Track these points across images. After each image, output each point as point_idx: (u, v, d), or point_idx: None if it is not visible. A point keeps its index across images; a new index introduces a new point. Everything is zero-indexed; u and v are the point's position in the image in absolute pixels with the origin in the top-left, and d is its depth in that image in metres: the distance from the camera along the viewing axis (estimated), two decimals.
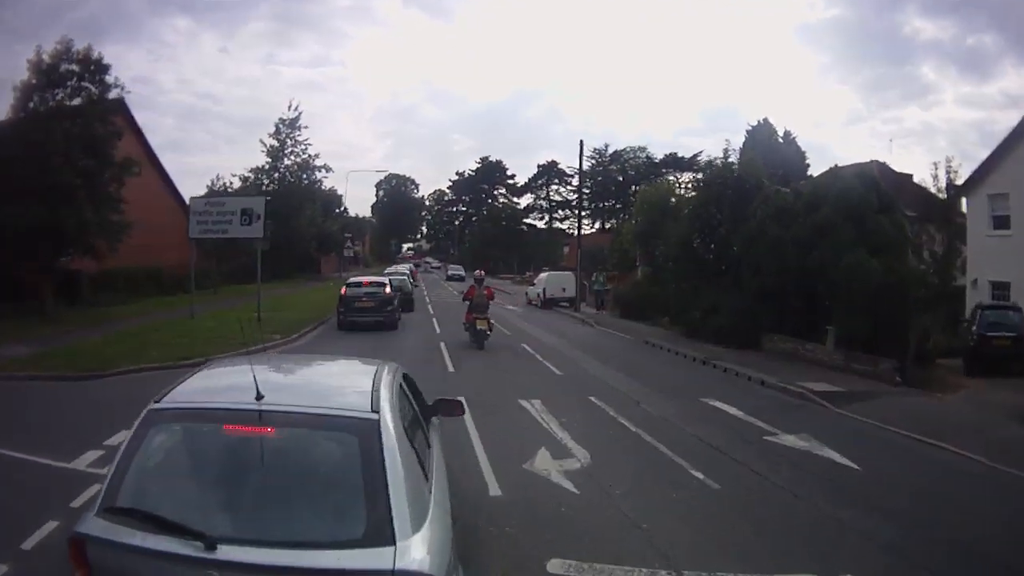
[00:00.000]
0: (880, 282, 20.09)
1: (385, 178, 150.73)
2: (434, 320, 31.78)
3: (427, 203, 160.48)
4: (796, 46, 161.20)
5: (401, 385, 5.12)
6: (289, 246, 56.49)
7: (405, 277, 41.08)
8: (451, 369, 18.72)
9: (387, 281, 29.04)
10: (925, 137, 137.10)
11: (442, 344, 23.27)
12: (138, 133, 38.91)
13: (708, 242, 28.01)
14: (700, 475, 9.68)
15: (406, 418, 4.65)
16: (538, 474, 9.46)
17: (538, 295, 44.56)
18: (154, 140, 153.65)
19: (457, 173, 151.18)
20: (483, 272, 27.18)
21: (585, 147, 42.56)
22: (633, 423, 12.73)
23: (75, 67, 25.34)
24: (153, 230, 33.99)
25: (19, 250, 23.66)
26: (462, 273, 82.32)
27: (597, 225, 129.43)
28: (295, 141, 61.08)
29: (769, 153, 43.90)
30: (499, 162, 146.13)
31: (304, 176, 61.64)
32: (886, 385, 17.91)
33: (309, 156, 61.84)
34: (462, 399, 7.91)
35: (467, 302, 24.23)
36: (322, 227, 63.87)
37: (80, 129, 24.67)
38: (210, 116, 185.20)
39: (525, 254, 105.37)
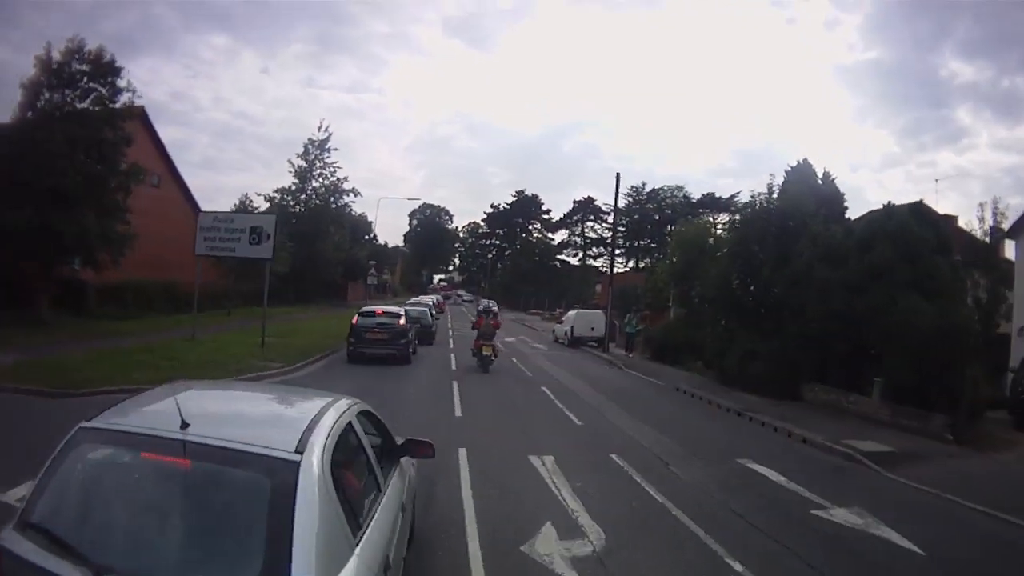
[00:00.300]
0: (934, 329, 18.17)
1: (419, 207, 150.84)
2: (452, 356, 30.09)
3: (461, 235, 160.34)
4: (833, 88, 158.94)
5: (351, 424, 4.84)
6: (314, 270, 55.19)
7: (426, 309, 39.50)
8: (458, 413, 16.82)
9: (402, 312, 27.39)
10: (959, 181, 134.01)
11: (454, 383, 21.44)
12: (158, 144, 38.06)
13: (748, 283, 26.08)
14: (739, 567, 7.75)
15: (350, 462, 4.58)
16: (537, 561, 7.55)
17: (565, 333, 42.39)
18: (188, 157, 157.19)
19: (492, 206, 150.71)
20: (493, 304, 31.61)
21: (621, 184, 40.68)
22: (660, 491, 10.74)
23: (85, 67, 24.16)
24: (170, 244, 33.31)
25: (17, 253, 22.62)
26: (495, 308, 75.97)
27: (631, 264, 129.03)
28: (324, 163, 60.01)
29: (809, 193, 41.27)
30: (534, 196, 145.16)
31: (332, 199, 60.23)
32: (937, 443, 16.17)
33: (338, 179, 60.69)
34: (431, 442, 6.94)
35: (475, 331, 27.75)
36: (349, 253, 62.57)
37: (86, 132, 23.42)
38: (245, 136, 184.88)
39: (557, 290, 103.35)
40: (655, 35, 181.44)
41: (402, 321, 26.07)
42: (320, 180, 59.51)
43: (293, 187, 58.86)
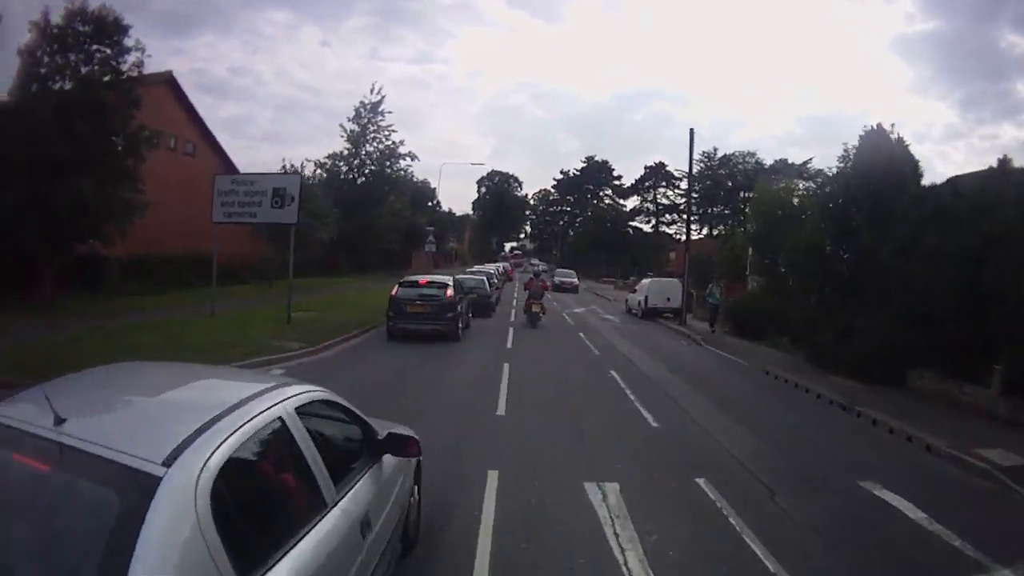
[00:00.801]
0: None
1: (487, 175, 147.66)
2: (511, 331, 26.96)
3: (531, 202, 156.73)
4: (893, 59, 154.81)
5: (282, 420, 3.84)
6: (368, 238, 52.69)
7: (484, 278, 36.17)
8: (501, 411, 13.26)
9: (449, 282, 23.88)
10: (1021, 154, 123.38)
11: (505, 367, 18.14)
12: (191, 111, 35.77)
13: (842, 250, 22.49)
14: None
15: (272, 472, 3.71)
16: None
17: (639, 303, 38.37)
18: (251, 131, 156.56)
19: (562, 172, 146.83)
20: (539, 265, 34.48)
21: (694, 149, 37.03)
22: (770, 548, 7.18)
23: (87, 28, 21.66)
24: (206, 214, 30.99)
25: (13, 230, 20.17)
26: (575, 280, 65.72)
27: (704, 231, 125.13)
28: (377, 127, 57.09)
29: (885, 160, 37.92)
30: (605, 162, 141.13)
31: (388, 164, 57.38)
32: None
33: (393, 143, 57.69)
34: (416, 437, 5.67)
35: (527, 291, 31.65)
36: (410, 219, 60.00)
37: (84, 96, 20.86)
38: (308, 108, 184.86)
39: (629, 258, 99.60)
40: (722, 5, 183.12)
41: (449, 292, 22.95)
42: (374, 144, 56.79)
43: (346, 152, 56.35)
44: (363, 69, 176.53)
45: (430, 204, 70.69)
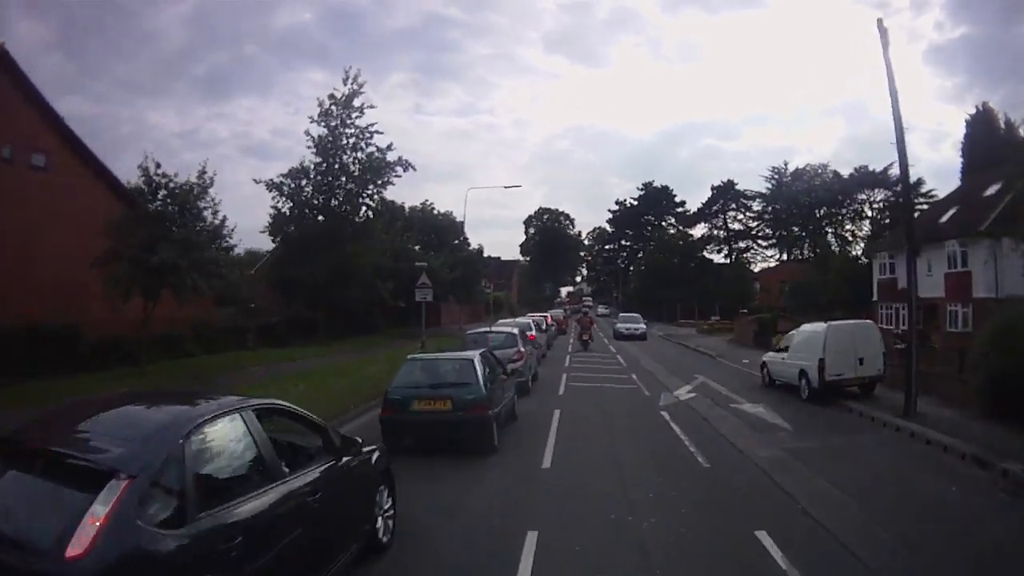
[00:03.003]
0: None
1: (535, 213, 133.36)
2: (553, 430, 15.24)
3: (586, 242, 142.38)
4: (929, 68, 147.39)
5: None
6: (343, 288, 38.28)
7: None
8: None
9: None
10: None
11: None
12: (44, 108, 23.13)
13: None
14: None
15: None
16: None
17: (805, 373, 19.84)
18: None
19: (617, 203, 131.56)
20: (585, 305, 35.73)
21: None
22: None
23: None
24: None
25: None
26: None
27: (779, 256, 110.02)
28: (354, 127, 41.48)
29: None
30: (665, 188, 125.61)
31: (369, 178, 41.83)
32: None
33: (377, 150, 41.90)
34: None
35: (579, 325, 43.28)
36: (419, 261, 45.41)
37: None
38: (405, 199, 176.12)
39: (704, 293, 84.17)
40: (757, 33, 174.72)
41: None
42: (351, 154, 41.50)
43: (309, 165, 41.20)
44: (407, 124, 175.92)
45: (457, 241, 55.86)
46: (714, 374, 25.60)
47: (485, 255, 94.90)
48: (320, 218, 40.68)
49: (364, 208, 41.96)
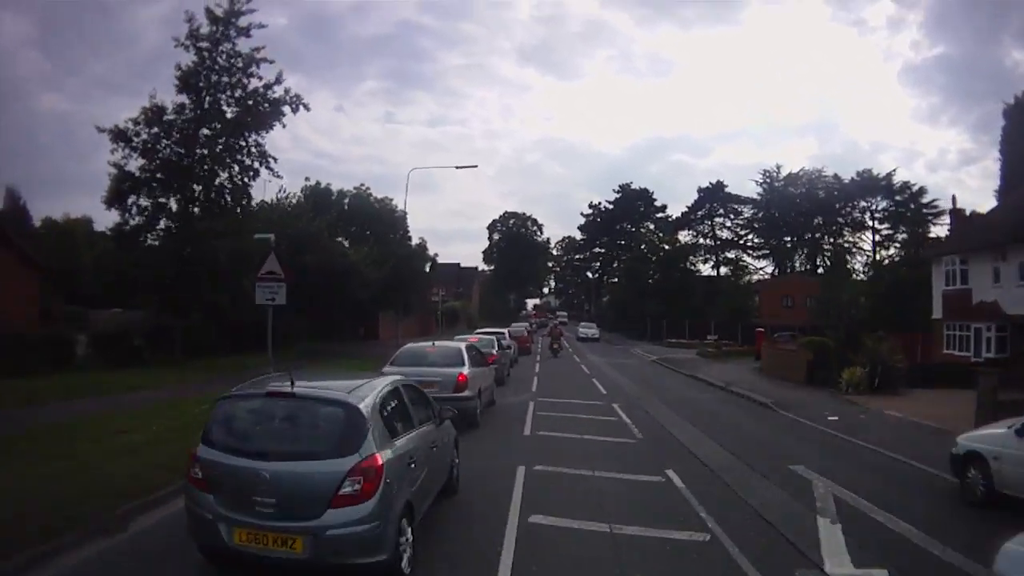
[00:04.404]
0: None
1: (501, 218, 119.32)
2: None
3: (555, 252, 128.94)
4: (904, 88, 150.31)
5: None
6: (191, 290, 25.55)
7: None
8: None
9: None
10: None
11: None
12: None
13: None
14: None
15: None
16: None
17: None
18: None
19: (591, 206, 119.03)
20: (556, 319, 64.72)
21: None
22: None
23: None
24: None
25: None
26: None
27: (769, 268, 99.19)
28: (235, 53, 28.94)
29: None
30: (644, 190, 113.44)
31: (249, 120, 28.76)
32: None
33: (264, 87, 29.50)
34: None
35: (549, 337, 46.93)
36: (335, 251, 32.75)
37: None
38: (330, 175, 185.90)
39: (693, 307, 71.49)
40: (730, 50, 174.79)
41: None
42: (229, 92, 28.69)
43: (171, 109, 28.21)
44: (379, 135, 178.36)
45: (395, 236, 42.64)
46: (825, 463, 12.78)
47: (443, 261, 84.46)
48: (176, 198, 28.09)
49: (236, 169, 28.93)
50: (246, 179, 29.52)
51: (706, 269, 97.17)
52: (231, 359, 26.52)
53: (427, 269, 47.28)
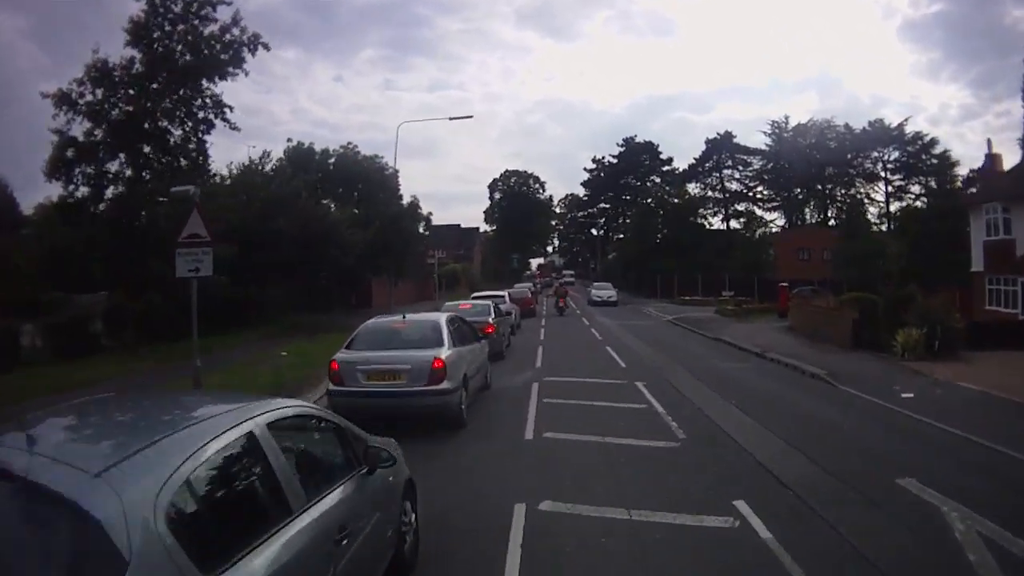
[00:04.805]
0: None
1: (501, 176, 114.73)
2: None
3: (557, 211, 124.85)
4: (905, 44, 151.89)
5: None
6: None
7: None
8: None
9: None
10: None
11: None
12: None
13: None
14: None
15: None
16: None
17: None
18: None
19: (595, 161, 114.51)
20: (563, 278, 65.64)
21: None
22: None
23: None
24: None
25: None
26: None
27: (776, 220, 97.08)
28: (192, 2, 25.54)
29: None
30: (649, 143, 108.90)
31: (202, 69, 25.33)
32: None
33: (218, 30, 26.06)
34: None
35: (555, 296, 46.31)
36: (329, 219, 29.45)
37: None
38: (329, 144, 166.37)
39: (704, 262, 67.91)
40: (730, 5, 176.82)
41: None
42: (181, 40, 25.15)
43: (120, 65, 25.03)
44: (379, 101, 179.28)
45: (383, 196, 39.13)
46: (935, 471, 9.36)
47: (444, 223, 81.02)
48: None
49: (189, 125, 25.48)
50: (200, 133, 25.99)
51: (715, 223, 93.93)
52: (188, 343, 23.33)
53: (421, 230, 43.53)
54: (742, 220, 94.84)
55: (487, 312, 21.76)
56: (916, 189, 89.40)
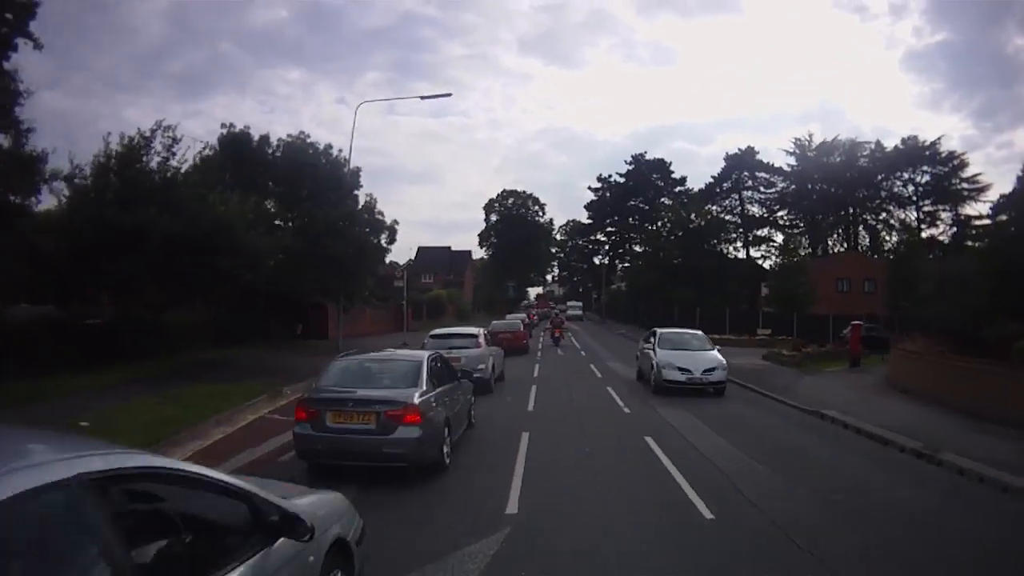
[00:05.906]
0: None
1: (498, 196, 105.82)
2: None
3: (557, 238, 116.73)
4: (907, 75, 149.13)
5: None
6: None
7: None
8: None
9: None
10: None
11: None
12: None
13: None
14: None
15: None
16: None
17: None
18: None
19: (600, 180, 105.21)
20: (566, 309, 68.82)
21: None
22: None
23: None
24: None
25: None
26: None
27: (787, 247, 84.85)
28: None
29: None
30: (661, 161, 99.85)
31: None
32: None
33: None
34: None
35: (552, 327, 45.98)
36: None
37: None
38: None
39: (727, 292, 58.38)
40: (732, 38, 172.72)
41: None
42: None
43: None
44: (380, 125, 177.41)
45: (333, 195, 29.66)
46: None
47: (433, 245, 71.55)
48: None
49: None
50: None
51: (734, 250, 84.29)
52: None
53: (383, 242, 33.60)
54: (773, 244, 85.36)
55: (407, 380, 10.84)
56: (946, 216, 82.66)
